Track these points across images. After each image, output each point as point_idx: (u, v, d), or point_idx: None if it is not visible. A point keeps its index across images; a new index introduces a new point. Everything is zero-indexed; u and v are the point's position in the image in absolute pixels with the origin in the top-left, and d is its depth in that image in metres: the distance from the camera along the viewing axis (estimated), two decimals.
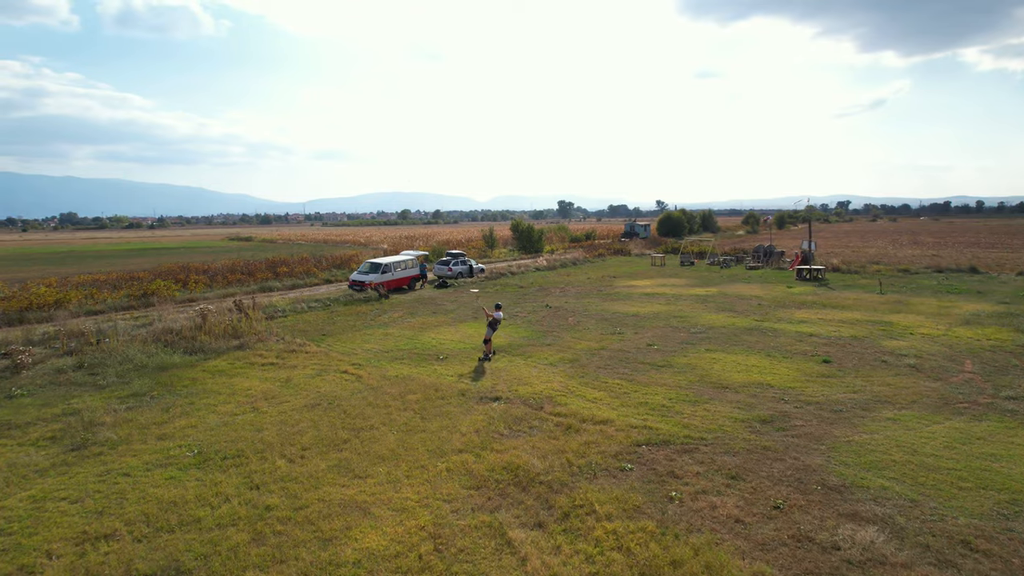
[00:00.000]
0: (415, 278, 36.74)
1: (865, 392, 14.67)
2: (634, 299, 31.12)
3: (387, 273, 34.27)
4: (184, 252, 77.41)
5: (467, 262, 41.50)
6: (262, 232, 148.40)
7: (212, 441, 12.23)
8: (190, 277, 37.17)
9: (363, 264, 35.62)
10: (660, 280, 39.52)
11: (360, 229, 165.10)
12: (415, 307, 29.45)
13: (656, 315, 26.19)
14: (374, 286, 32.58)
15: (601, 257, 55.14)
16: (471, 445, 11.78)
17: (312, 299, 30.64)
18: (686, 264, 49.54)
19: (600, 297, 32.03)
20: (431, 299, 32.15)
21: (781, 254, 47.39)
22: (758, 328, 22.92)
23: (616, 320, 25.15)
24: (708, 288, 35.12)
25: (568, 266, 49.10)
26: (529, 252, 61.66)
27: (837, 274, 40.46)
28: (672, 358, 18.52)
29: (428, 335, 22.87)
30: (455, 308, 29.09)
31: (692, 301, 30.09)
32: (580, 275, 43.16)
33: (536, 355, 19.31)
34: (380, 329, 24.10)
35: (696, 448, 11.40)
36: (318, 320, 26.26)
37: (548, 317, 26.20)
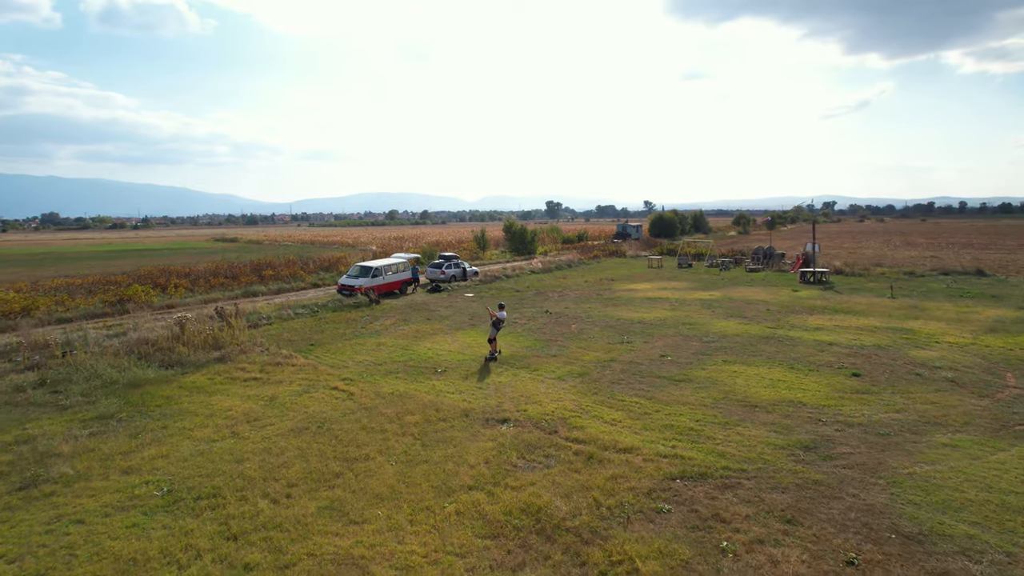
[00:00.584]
0: (407, 282, 35.22)
1: (909, 411, 13.38)
2: (637, 304, 29.80)
3: (378, 277, 32.73)
4: (167, 254, 75.29)
5: (461, 265, 40.02)
6: (248, 233, 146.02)
7: (185, 475, 10.70)
8: (170, 281, 35.42)
9: (352, 267, 34.05)
10: (660, 283, 38.25)
11: (347, 230, 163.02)
12: (408, 313, 27.95)
13: (663, 322, 24.87)
14: (364, 291, 31.04)
15: (596, 259, 53.86)
16: (482, 480, 10.34)
17: (299, 305, 29.04)
18: (684, 266, 48.36)
19: (601, 302, 30.68)
20: (424, 304, 30.66)
21: (781, 256, 46.32)
22: (774, 336, 21.64)
23: (622, 327, 23.79)
24: (711, 292, 33.88)
25: (563, 268, 47.75)
26: (522, 254, 60.28)
27: (841, 277, 39.39)
28: (690, 371, 17.17)
29: (423, 345, 21.39)
30: (450, 314, 27.62)
31: (698, 306, 28.81)
32: (577, 278, 41.82)
33: (542, 367, 17.90)
34: (372, 338, 22.58)
35: (738, 483, 10.04)
36: (305, 328, 24.69)
37: (549, 324, 24.80)
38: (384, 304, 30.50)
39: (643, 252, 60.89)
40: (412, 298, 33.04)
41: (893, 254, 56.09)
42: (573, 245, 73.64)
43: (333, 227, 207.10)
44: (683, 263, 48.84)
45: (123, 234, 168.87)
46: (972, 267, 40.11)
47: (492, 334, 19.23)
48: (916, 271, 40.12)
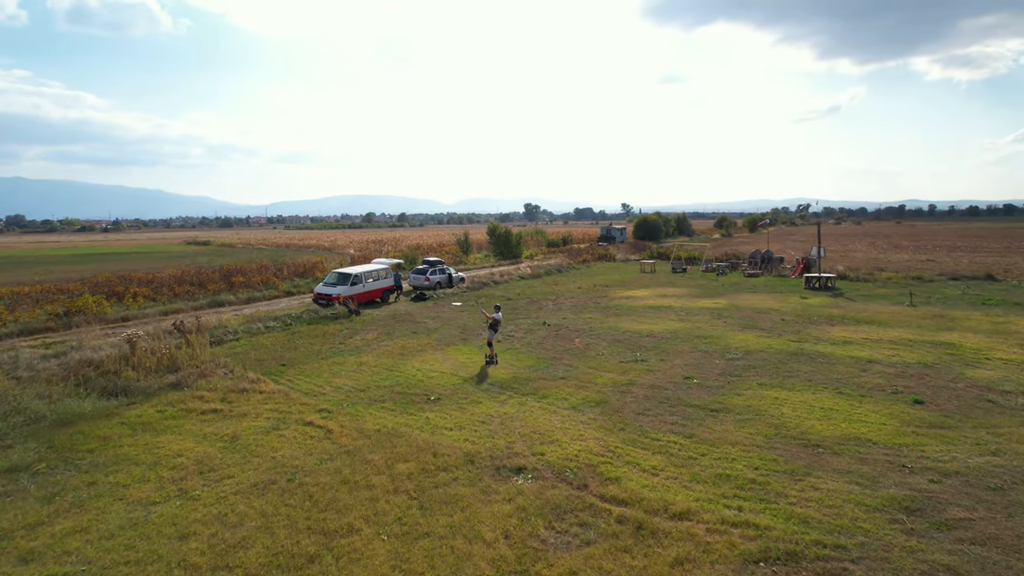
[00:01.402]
0: (389, 290, 32.56)
1: (1007, 453, 11.14)
2: (640, 314, 27.51)
3: (357, 285, 30.04)
4: (134, 258, 71.54)
5: (446, 270, 37.44)
6: (222, 236, 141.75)
7: (105, 564, 8.05)
8: (129, 289, 32.34)
9: (329, 274, 31.30)
10: (658, 290, 36.05)
11: (324, 233, 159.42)
12: (391, 325, 25.33)
13: (674, 335, 22.59)
14: (342, 300, 28.32)
15: (586, 263, 51.63)
16: (504, 568, 7.85)
17: (270, 316, 26.25)
18: (678, 271, 46.30)
19: (601, 311, 28.34)
20: (409, 315, 28.05)
21: (780, 260, 44.45)
22: (802, 352, 19.44)
23: (631, 342, 21.46)
24: (716, 299, 31.74)
25: (553, 273, 45.38)
26: (507, 258, 57.84)
27: (846, 282, 37.54)
28: (724, 397, 14.85)
29: (411, 364, 18.83)
30: (438, 326, 25.07)
31: (707, 316, 26.60)
32: (569, 284, 39.47)
33: (551, 393, 15.46)
34: (352, 356, 19.96)
35: (843, 568, 7.66)
36: (277, 344, 21.97)
37: (550, 338, 22.38)
38: (365, 315, 27.81)
39: (632, 256, 58.83)
40: (395, 307, 30.39)
41: (886, 257, 54.69)
42: (559, 248, 71.39)
43: (309, 230, 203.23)
44: (677, 268, 46.78)
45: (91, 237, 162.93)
46: (980, 272, 38.53)
47: (489, 336, 19.08)
48: (924, 276, 38.41)
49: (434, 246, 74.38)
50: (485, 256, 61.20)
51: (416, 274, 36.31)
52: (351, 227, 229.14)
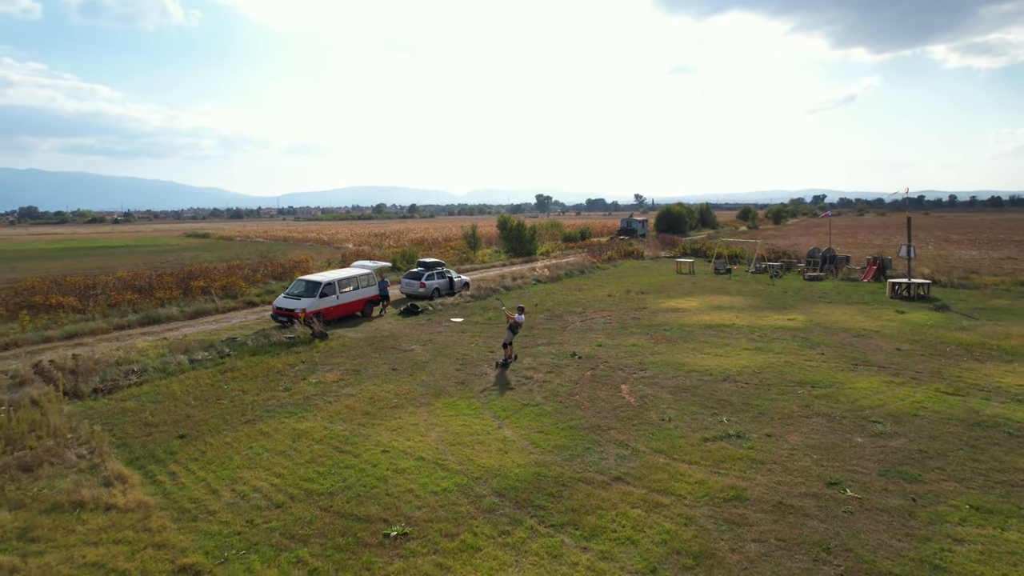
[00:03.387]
0: (372, 300, 25.83)
1: None
2: (698, 336, 20.67)
3: (328, 297, 23.37)
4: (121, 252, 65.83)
5: (446, 274, 30.67)
6: (225, 228, 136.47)
7: None
8: (50, 300, 25.87)
9: (294, 282, 24.55)
10: (707, 298, 29.10)
11: (329, 224, 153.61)
12: (366, 356, 18.64)
13: (762, 378, 15.74)
14: (307, 317, 21.66)
15: (611, 262, 44.65)
16: None
17: (205, 343, 19.67)
18: (721, 272, 39.26)
19: (645, 332, 21.50)
20: (393, 337, 21.33)
21: (846, 260, 37.28)
22: (983, 419, 12.51)
23: (705, 392, 14.64)
24: (787, 313, 24.80)
25: (575, 275, 38.46)
26: (520, 255, 50.99)
27: (941, 289, 30.38)
28: (928, 547, 8.00)
29: (376, 437, 12.15)
30: (430, 358, 18.34)
31: (790, 341, 19.71)
32: (596, 289, 32.58)
33: (605, 524, 8.70)
34: (291, 418, 13.29)
35: None
36: (192, 392, 15.33)
37: (584, 384, 15.58)
38: (335, 338, 21.11)
39: (662, 253, 51.80)
40: (378, 325, 23.67)
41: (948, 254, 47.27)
42: (577, 244, 64.41)
43: (318, 221, 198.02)
44: (720, 268, 39.72)
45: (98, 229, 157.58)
46: None
47: (508, 338, 17.63)
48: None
49: (440, 240, 67.72)
50: (495, 252, 54.40)
51: (409, 279, 29.55)
52: (361, 218, 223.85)
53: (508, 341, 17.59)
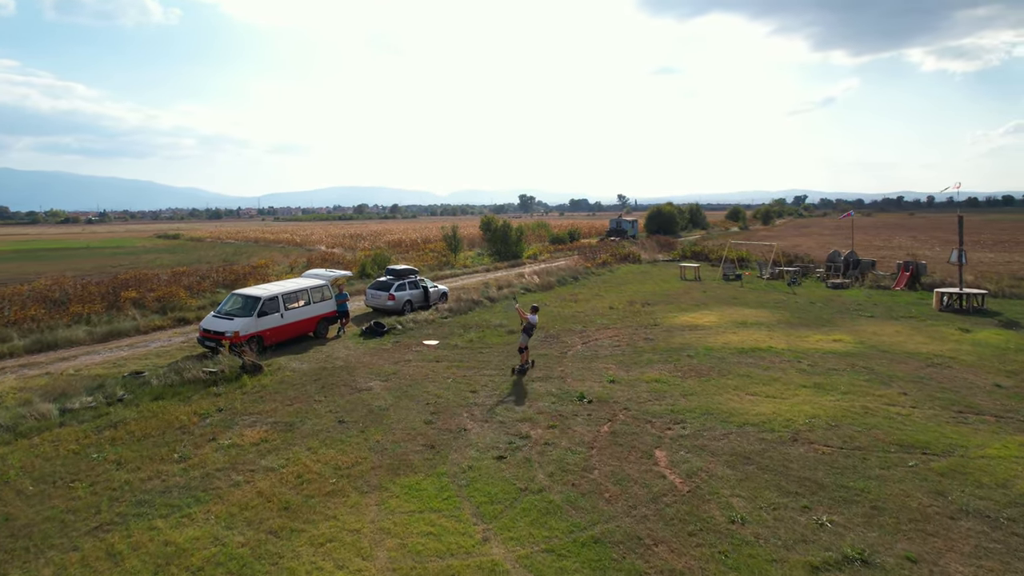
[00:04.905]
0: (328, 318, 21.19)
1: None
2: (731, 365, 16.36)
3: (269, 316, 18.71)
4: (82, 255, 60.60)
5: (420, 283, 26.09)
6: (199, 229, 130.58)
7: None
8: None
9: (228, 297, 19.78)
10: (726, 311, 24.84)
11: (306, 225, 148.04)
12: (306, 400, 14.05)
13: (842, 435, 11.41)
14: (237, 341, 17.05)
15: (607, 267, 40.25)
16: None
17: (103, 377, 15.00)
18: (731, 278, 35.09)
19: (666, 361, 17.11)
20: (348, 369, 16.73)
21: (872, 265, 33.22)
22: None
23: (773, 462, 10.30)
24: (829, 332, 20.58)
25: (568, 283, 33.99)
26: (505, 258, 46.48)
27: (995, 300, 26.34)
28: None
29: (293, 559, 7.64)
30: (391, 403, 13.81)
31: (855, 376, 15.44)
32: (595, 300, 28.15)
33: None
34: (169, 518, 8.73)
35: None
36: (37, 467, 10.62)
37: (602, 450, 11.13)
38: (271, 370, 16.44)
39: (660, 256, 47.56)
40: (332, 350, 19.04)
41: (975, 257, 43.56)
42: (566, 246, 60.07)
43: (298, 222, 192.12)
44: (729, 274, 35.55)
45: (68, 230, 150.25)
46: None
47: (523, 342, 16.29)
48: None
49: (419, 241, 63.08)
50: (478, 255, 49.88)
51: (375, 291, 24.91)
52: (342, 218, 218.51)
53: (524, 345, 16.25)
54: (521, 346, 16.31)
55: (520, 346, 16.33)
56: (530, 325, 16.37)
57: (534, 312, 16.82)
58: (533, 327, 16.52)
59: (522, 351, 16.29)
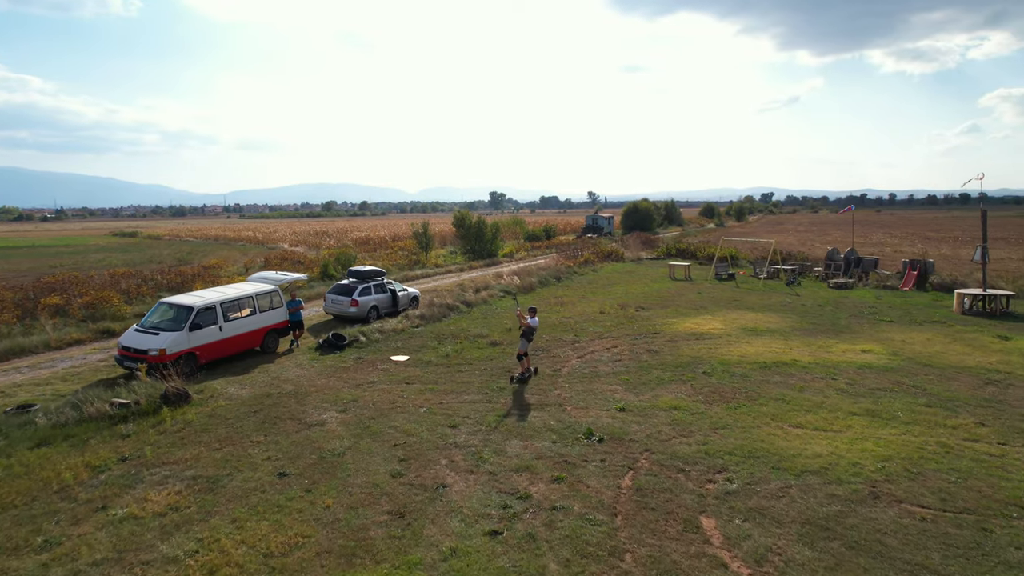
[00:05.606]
0: (278, 329, 18.05)
1: None
2: (758, 384, 13.75)
3: (204, 329, 15.54)
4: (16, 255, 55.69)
5: (388, 286, 23.05)
6: (158, 226, 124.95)
7: None
8: None
9: (156, 306, 16.48)
10: (729, 315, 22.35)
11: (271, 223, 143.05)
12: (239, 443, 10.99)
13: (934, 488, 8.84)
14: (162, 361, 13.90)
15: (589, 265, 37.54)
16: None
17: None
18: (724, 278, 32.71)
19: (680, 380, 14.42)
20: (298, 396, 13.68)
21: (874, 264, 31.08)
22: None
23: (859, 534, 7.64)
24: (853, 341, 18.17)
25: (551, 283, 31.21)
26: (480, 256, 43.54)
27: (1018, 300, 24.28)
28: None
29: None
30: (348, 445, 10.82)
31: (909, 399, 12.91)
32: (581, 303, 25.41)
33: None
34: None
35: None
36: None
37: (628, 517, 8.33)
38: (202, 399, 13.31)
39: (643, 254, 45.07)
40: (281, 370, 15.95)
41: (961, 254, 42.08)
42: (542, 243, 57.38)
43: (265, 219, 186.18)
44: (722, 273, 33.17)
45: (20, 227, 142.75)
46: None
47: (523, 347, 14.68)
48: None
49: (387, 239, 59.84)
50: (451, 254, 46.87)
51: (336, 296, 21.79)
52: (310, 216, 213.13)
53: (524, 351, 14.74)
54: (520, 352, 14.66)
55: (519, 352, 14.70)
56: (530, 329, 14.77)
57: (532, 314, 14.99)
58: (533, 331, 14.94)
59: (521, 358, 14.68)
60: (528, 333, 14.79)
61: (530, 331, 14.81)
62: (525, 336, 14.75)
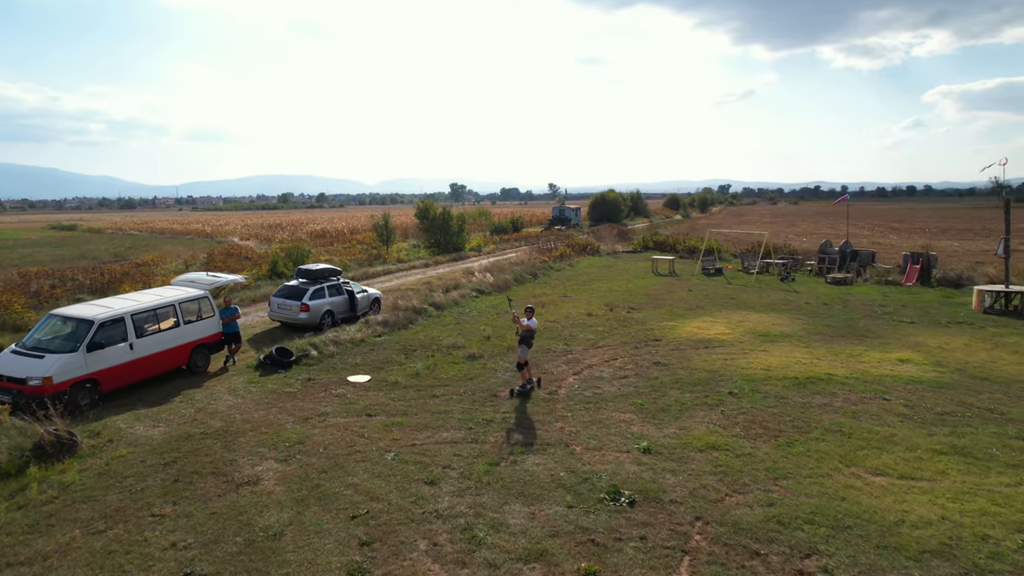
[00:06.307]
0: (208, 344, 14.78)
1: None
2: (798, 410, 11.25)
3: (110, 347, 12.23)
4: None
5: (344, 287, 19.88)
6: (102, 219, 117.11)
7: None
8: None
9: (45, 320, 13.03)
10: (731, 317, 19.92)
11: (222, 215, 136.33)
12: (132, 520, 7.85)
13: None
14: (42, 393, 10.64)
15: (565, 260, 34.79)
16: None
17: None
18: (711, 272, 30.41)
19: (705, 404, 11.80)
20: (224, 438, 10.56)
21: (872, 257, 29.13)
22: None
23: None
24: (882, 348, 15.91)
25: (527, 280, 28.38)
26: (446, 250, 40.43)
27: None
28: None
29: None
30: (289, 518, 7.81)
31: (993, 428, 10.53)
32: (565, 304, 22.65)
33: None
34: None
35: None
36: None
37: None
38: (96, 445, 10.09)
39: (619, 247, 42.63)
40: (208, 398, 12.75)
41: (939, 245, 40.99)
42: (511, 236, 54.57)
43: (219, 211, 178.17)
44: (709, 268, 30.86)
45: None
46: None
47: (522, 355, 12.69)
48: None
49: (344, 232, 56.21)
50: (413, 247, 43.62)
51: (282, 299, 18.50)
52: (266, 208, 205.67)
53: (524, 360, 12.79)
54: (520, 361, 12.73)
55: (519, 361, 12.78)
56: (530, 332, 12.80)
57: (530, 315, 12.95)
58: (534, 334, 12.98)
59: (522, 367, 12.76)
60: (528, 338, 12.77)
61: (530, 335, 12.80)
62: (524, 342, 12.73)
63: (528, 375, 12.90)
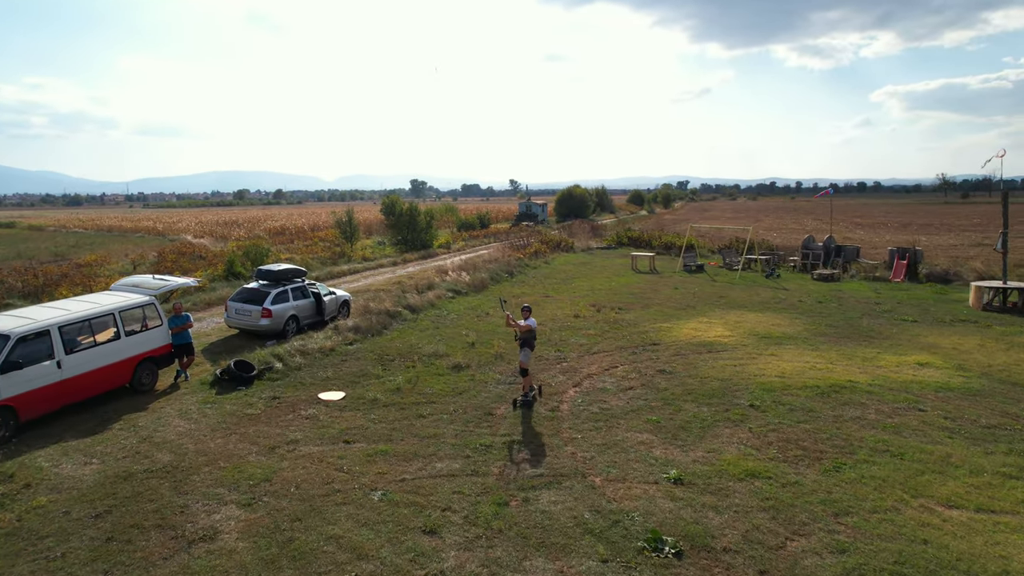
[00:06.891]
0: (154, 358, 12.84)
1: None
2: (832, 425, 10.03)
3: (29, 366, 10.29)
4: None
5: (310, 290, 18.01)
6: (47, 216, 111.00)
7: None
8: None
9: None
10: (727, 316, 18.79)
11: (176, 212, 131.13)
12: None
13: None
14: None
15: (540, 257, 33.34)
16: None
17: None
18: (692, 269, 29.37)
19: (727, 419, 10.50)
20: (175, 476, 8.78)
21: (856, 253, 28.45)
22: None
23: None
24: (896, 351, 14.93)
25: (503, 279, 26.85)
26: (414, 247, 38.63)
27: None
28: None
29: None
30: None
31: None
32: (550, 305, 21.18)
33: None
34: None
35: None
36: None
37: None
38: (11, 490, 8.23)
39: (593, 244, 41.44)
40: (155, 421, 10.90)
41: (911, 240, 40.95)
42: (479, 232, 52.98)
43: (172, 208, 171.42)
44: (691, 265, 29.80)
45: None
46: None
47: (524, 360, 11.46)
48: None
49: (306, 229, 53.87)
50: (379, 245, 41.66)
51: (240, 304, 16.56)
52: (221, 204, 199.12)
53: (526, 365, 11.48)
54: (522, 367, 11.51)
55: (521, 367, 11.56)
56: (531, 334, 11.53)
57: (528, 314, 11.73)
58: (535, 334, 11.72)
59: (524, 373, 11.54)
60: (529, 340, 11.52)
61: (531, 336, 11.55)
62: (526, 344, 11.48)
63: (530, 382, 11.64)
